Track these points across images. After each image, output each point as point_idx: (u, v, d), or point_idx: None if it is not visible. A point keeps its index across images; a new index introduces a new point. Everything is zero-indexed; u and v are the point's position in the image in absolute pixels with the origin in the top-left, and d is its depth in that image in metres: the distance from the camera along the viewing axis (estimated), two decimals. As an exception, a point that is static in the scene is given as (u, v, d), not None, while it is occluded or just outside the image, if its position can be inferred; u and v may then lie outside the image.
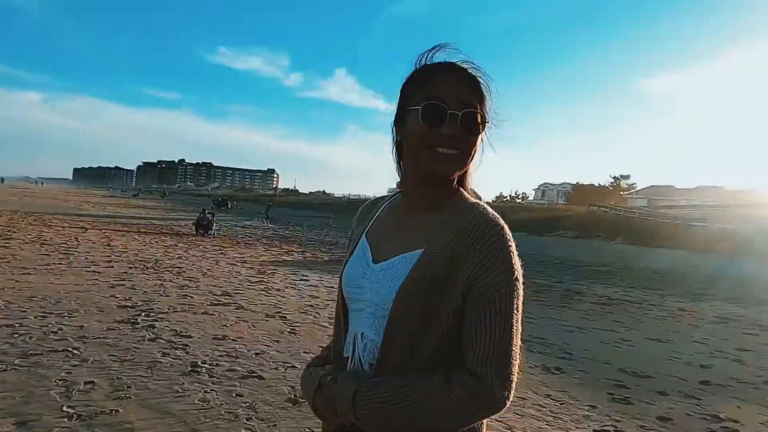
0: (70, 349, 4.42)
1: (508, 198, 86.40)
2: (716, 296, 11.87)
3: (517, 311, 1.01)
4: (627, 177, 67.74)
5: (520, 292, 1.02)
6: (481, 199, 1.15)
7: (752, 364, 6.16)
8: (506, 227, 1.04)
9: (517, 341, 1.00)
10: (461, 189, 1.13)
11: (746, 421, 4.26)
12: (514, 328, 1.00)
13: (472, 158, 1.07)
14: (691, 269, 17.11)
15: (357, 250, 1.17)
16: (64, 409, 3.27)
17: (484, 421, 1.07)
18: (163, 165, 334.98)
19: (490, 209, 1.07)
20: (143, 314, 5.87)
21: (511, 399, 1.00)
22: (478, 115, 1.05)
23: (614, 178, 67.60)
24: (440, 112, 1.02)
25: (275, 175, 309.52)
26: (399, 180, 1.24)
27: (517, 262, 1.01)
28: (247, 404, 3.66)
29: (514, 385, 1.00)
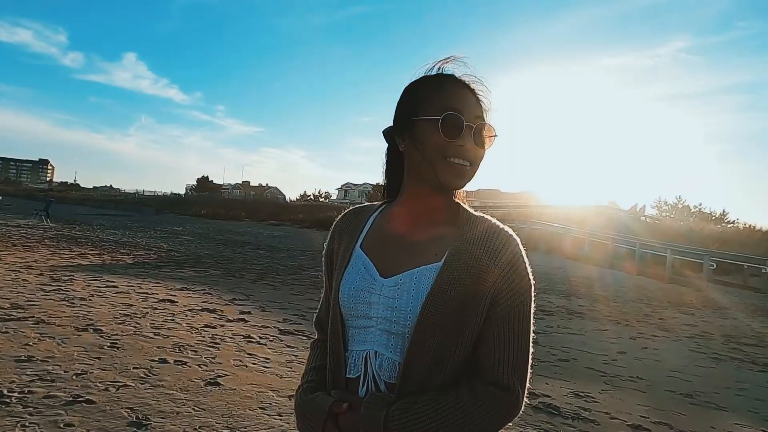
0: None
1: (312, 197, 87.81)
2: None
3: (533, 318, 1.06)
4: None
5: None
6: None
7: (545, 344, 7.17)
8: (519, 238, 1.08)
9: (531, 347, 1.06)
10: (459, 200, 1.14)
11: (555, 394, 4.96)
12: (531, 335, 1.05)
13: (478, 170, 1.09)
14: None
15: (353, 263, 1.11)
16: None
17: None
18: None
19: (497, 220, 1.10)
20: None
21: None
22: (487, 128, 1.07)
23: (409, 180, 73.11)
24: (459, 123, 1.02)
25: (49, 167, 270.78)
26: (385, 189, 1.21)
27: (530, 272, 1.06)
28: (82, 434, 3.18)
29: None
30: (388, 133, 1.15)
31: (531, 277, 1.06)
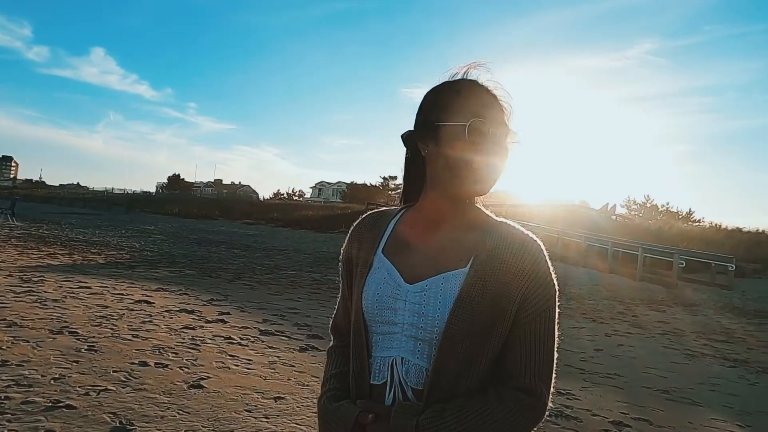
0: None
1: (285, 196, 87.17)
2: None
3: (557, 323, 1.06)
4: (395, 178, 74.30)
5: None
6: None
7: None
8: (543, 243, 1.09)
9: (555, 352, 1.06)
10: (479, 205, 1.14)
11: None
12: (556, 340, 1.05)
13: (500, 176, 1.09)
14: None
15: (376, 269, 1.10)
16: None
17: None
18: None
19: (519, 225, 1.10)
20: None
21: None
22: (510, 135, 1.07)
23: (384, 178, 73.61)
24: (484, 130, 1.03)
25: (13, 164, 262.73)
26: (403, 194, 1.20)
27: (555, 277, 1.07)
28: (65, 441, 3.10)
29: None
30: (407, 138, 1.14)
31: (555, 282, 1.06)
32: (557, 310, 1.06)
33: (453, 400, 0.99)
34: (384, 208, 1.23)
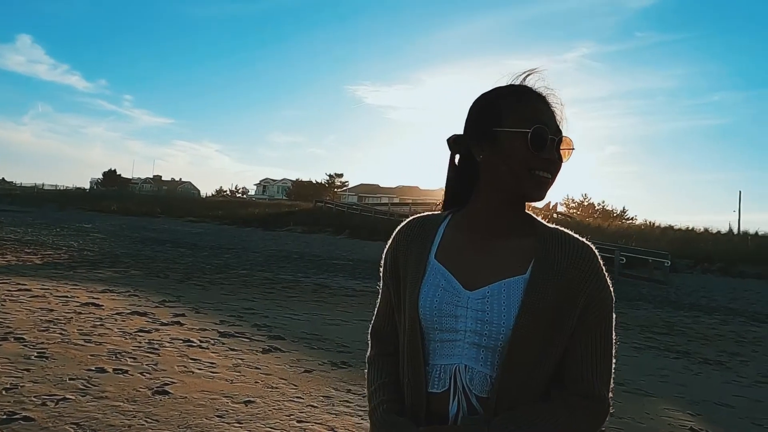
0: None
1: (229, 192, 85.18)
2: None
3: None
4: (341, 175, 74.28)
5: None
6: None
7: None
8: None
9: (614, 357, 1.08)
10: (530, 212, 1.14)
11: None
12: (614, 345, 1.07)
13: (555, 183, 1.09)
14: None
15: (430, 274, 1.08)
16: None
17: None
18: None
19: (572, 232, 1.10)
20: None
21: None
22: (566, 141, 1.08)
23: (330, 176, 73.39)
24: (545, 136, 1.02)
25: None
26: (446, 198, 1.18)
27: (610, 283, 1.08)
28: (27, 456, 2.90)
29: None
30: (455, 142, 1.13)
31: (611, 287, 1.07)
32: (614, 315, 1.07)
33: (518, 408, 0.99)
34: (428, 212, 1.21)
